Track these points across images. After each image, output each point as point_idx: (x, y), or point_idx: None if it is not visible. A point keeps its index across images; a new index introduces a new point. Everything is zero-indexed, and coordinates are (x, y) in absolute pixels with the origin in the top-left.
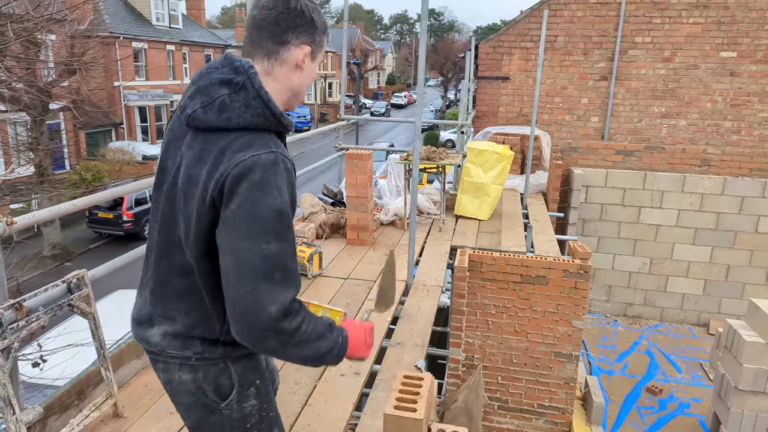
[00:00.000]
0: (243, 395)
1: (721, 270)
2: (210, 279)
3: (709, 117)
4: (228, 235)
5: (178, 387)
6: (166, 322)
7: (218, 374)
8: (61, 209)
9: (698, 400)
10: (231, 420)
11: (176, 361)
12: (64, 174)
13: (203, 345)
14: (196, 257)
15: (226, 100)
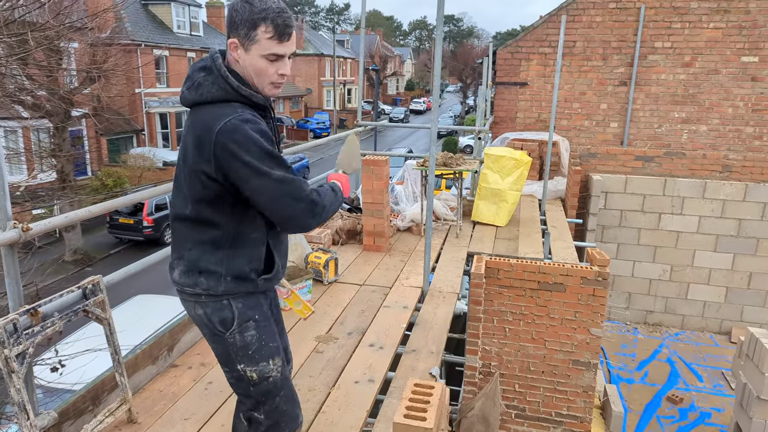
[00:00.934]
0: (243, 326)
1: (743, 277)
2: (206, 222)
3: (730, 122)
4: (249, 183)
5: (197, 320)
6: (180, 262)
7: (222, 309)
8: (78, 215)
9: (720, 409)
10: (235, 347)
11: (192, 299)
12: (85, 180)
13: (208, 280)
14: (194, 204)
15: (201, 80)
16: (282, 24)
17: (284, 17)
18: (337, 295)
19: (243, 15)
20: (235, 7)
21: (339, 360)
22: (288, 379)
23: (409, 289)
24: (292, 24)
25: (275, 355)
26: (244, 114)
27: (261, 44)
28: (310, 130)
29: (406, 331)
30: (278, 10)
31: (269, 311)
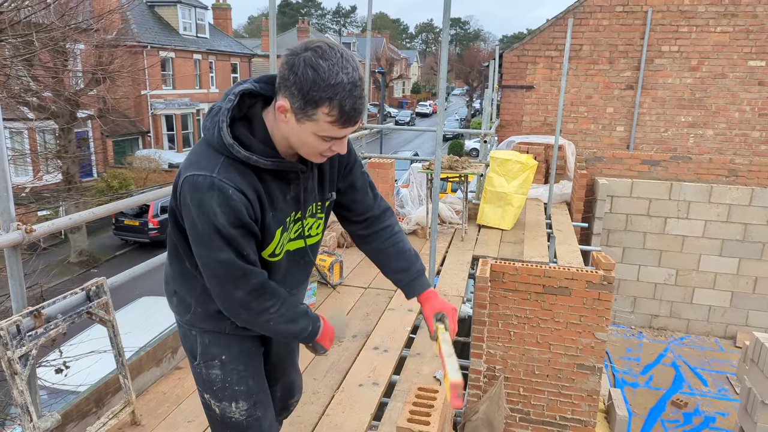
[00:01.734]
0: (208, 364)
1: (749, 282)
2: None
3: (736, 127)
4: (194, 246)
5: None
6: (165, 277)
7: (190, 339)
8: (82, 217)
9: (724, 414)
10: (201, 378)
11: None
12: (91, 181)
13: (178, 305)
14: (172, 226)
15: (211, 114)
16: (350, 109)
17: (355, 99)
18: (341, 297)
19: (304, 84)
20: (295, 67)
21: (343, 363)
22: (258, 419)
23: None
24: (362, 108)
25: (240, 399)
26: (219, 178)
27: (319, 125)
28: None
29: (411, 334)
30: (350, 88)
31: (252, 349)
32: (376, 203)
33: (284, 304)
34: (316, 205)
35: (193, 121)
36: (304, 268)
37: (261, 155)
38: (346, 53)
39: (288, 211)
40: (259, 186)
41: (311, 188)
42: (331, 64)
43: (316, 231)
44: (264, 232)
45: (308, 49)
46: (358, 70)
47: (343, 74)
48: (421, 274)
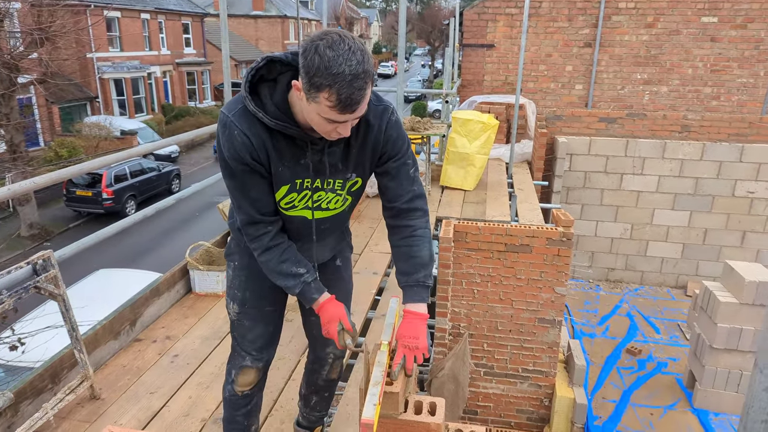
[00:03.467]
0: (228, 263)
1: (699, 234)
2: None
3: (689, 83)
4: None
5: None
6: None
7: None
8: (23, 187)
9: (675, 359)
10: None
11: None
12: (38, 151)
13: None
14: None
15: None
16: (346, 98)
17: (353, 90)
18: None
19: (310, 69)
20: (307, 52)
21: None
22: (244, 326)
23: (378, 255)
24: (361, 99)
25: (235, 302)
26: (232, 119)
27: (321, 107)
28: None
29: (376, 296)
30: (350, 79)
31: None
32: (408, 197)
33: (272, 253)
34: (336, 182)
35: (144, 85)
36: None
37: (269, 115)
38: (356, 46)
39: (300, 174)
40: (266, 138)
41: (333, 163)
42: (336, 54)
43: (334, 206)
44: (272, 178)
45: (323, 37)
46: (364, 63)
47: (346, 65)
48: (416, 284)
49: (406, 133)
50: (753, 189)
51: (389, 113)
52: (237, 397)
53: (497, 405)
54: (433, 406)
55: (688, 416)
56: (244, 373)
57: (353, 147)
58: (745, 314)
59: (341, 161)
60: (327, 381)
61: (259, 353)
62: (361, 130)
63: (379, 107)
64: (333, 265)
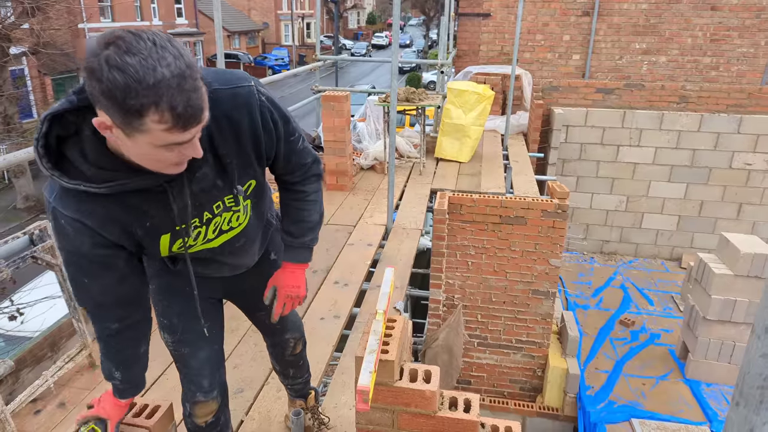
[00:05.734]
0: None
1: (695, 206)
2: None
3: (689, 53)
4: None
5: None
6: None
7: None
8: (17, 157)
9: (668, 330)
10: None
11: None
12: (32, 122)
13: None
14: None
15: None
16: (185, 108)
17: (188, 95)
18: None
19: (115, 92)
20: (97, 72)
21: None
22: (184, 355)
23: (373, 227)
24: (201, 102)
25: (165, 331)
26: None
27: (153, 135)
28: (269, 67)
29: (371, 268)
30: (178, 82)
31: (181, 288)
32: (302, 171)
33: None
34: (226, 200)
35: None
36: (245, 246)
37: (94, 181)
38: (160, 38)
39: (177, 219)
40: (107, 208)
41: (208, 187)
42: (142, 58)
43: (237, 222)
44: (141, 241)
45: (108, 44)
46: (182, 56)
47: (163, 68)
48: (301, 246)
49: (280, 106)
50: (750, 161)
51: (255, 96)
52: (201, 428)
53: (490, 375)
54: (428, 374)
55: (679, 386)
56: (201, 407)
57: (226, 156)
58: (740, 286)
59: (219, 179)
60: (294, 356)
61: (211, 382)
62: (225, 131)
63: (237, 90)
64: (268, 261)
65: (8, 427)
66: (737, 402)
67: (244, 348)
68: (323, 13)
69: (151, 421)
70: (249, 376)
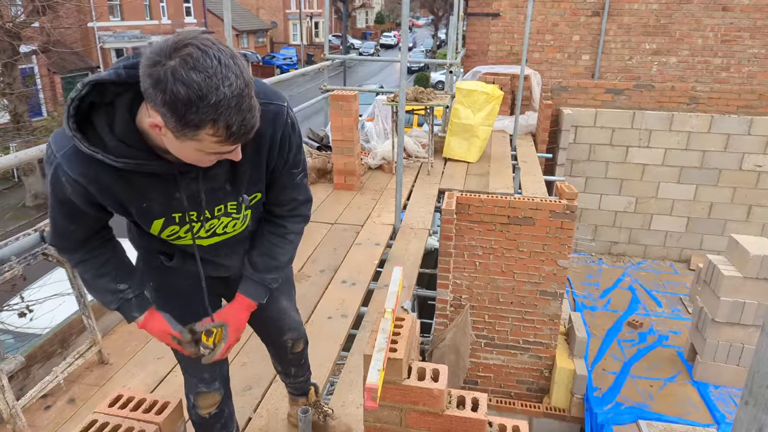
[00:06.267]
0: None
1: (704, 207)
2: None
3: (699, 54)
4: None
5: None
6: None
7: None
8: (28, 155)
9: (677, 332)
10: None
11: None
12: (41, 121)
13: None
14: None
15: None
16: (240, 127)
17: (244, 114)
18: (308, 233)
19: (177, 105)
20: (162, 84)
21: (312, 297)
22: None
23: (380, 227)
24: (255, 122)
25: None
26: (59, 160)
27: (203, 144)
28: (277, 66)
29: (378, 267)
30: (237, 102)
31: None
32: (291, 206)
33: (86, 265)
34: (229, 205)
35: None
36: (233, 247)
37: (113, 153)
38: (225, 55)
39: (177, 208)
40: (112, 180)
41: (217, 188)
42: (207, 76)
43: (232, 229)
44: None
45: (175, 54)
46: (242, 74)
47: (225, 87)
48: (260, 282)
49: (301, 135)
50: (761, 162)
51: (284, 116)
52: (205, 419)
53: (497, 375)
54: (436, 373)
55: (687, 388)
56: (203, 398)
57: (242, 163)
58: (749, 288)
59: (228, 183)
60: (295, 354)
61: (211, 374)
62: (249, 143)
63: (270, 108)
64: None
65: (19, 422)
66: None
67: (252, 346)
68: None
69: (161, 418)
70: (257, 374)
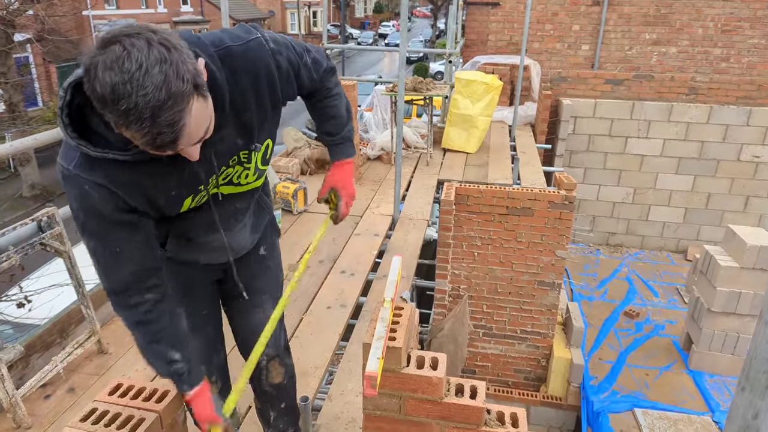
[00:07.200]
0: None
1: (702, 198)
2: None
3: (699, 44)
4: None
5: None
6: None
7: None
8: (24, 144)
9: (673, 322)
10: None
11: None
12: (37, 111)
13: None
14: None
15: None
16: (153, 140)
17: (161, 129)
18: (307, 224)
19: (97, 100)
20: (89, 73)
21: (311, 287)
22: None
23: (379, 217)
24: (178, 135)
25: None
26: (75, 172)
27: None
28: None
29: (377, 258)
30: (151, 113)
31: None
32: (317, 77)
33: (144, 328)
34: (242, 155)
35: None
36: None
37: (118, 148)
38: (150, 61)
39: (199, 179)
40: (134, 176)
41: (229, 145)
42: (121, 81)
43: (245, 180)
44: (162, 208)
45: (106, 46)
46: (167, 85)
47: (138, 96)
48: (343, 141)
49: (284, 41)
50: (759, 153)
51: (264, 43)
52: None
53: (495, 365)
54: (435, 361)
55: (683, 377)
56: None
57: (247, 112)
58: (745, 278)
59: (239, 137)
60: (273, 386)
61: (207, 366)
62: (244, 87)
63: (249, 45)
64: (256, 255)
65: (19, 411)
66: (743, 387)
67: None
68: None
69: (161, 406)
70: None
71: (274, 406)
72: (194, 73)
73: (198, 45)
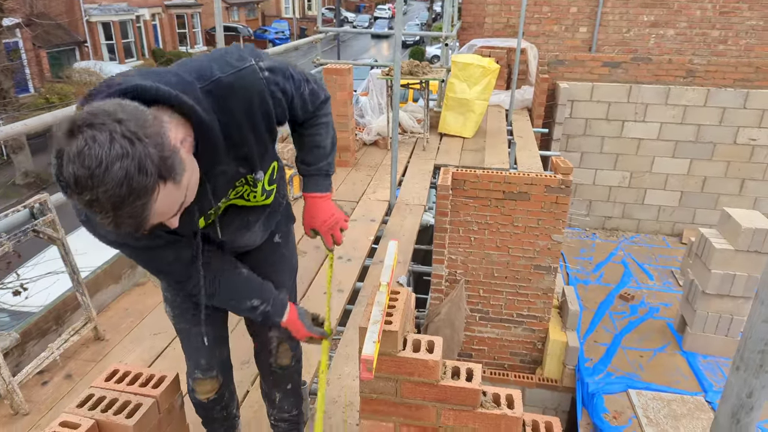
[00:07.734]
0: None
1: (698, 181)
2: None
3: (697, 26)
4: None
5: None
6: None
7: None
8: (14, 129)
9: (667, 304)
10: None
11: None
12: (28, 97)
13: None
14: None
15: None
16: (117, 227)
17: (122, 220)
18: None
19: (63, 187)
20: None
21: (307, 273)
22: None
23: (376, 203)
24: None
25: (166, 303)
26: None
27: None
28: (269, 40)
29: (374, 243)
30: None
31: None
32: (310, 105)
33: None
34: (249, 177)
35: (133, 28)
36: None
37: None
38: (113, 154)
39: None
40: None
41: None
42: (84, 175)
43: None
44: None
45: (71, 135)
46: (129, 178)
47: (99, 192)
48: (319, 173)
49: (280, 68)
50: (755, 136)
51: (257, 72)
52: (205, 402)
53: (491, 348)
54: (431, 344)
55: (676, 358)
56: (200, 383)
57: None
58: (740, 261)
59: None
60: (280, 368)
61: (208, 361)
62: (239, 120)
63: (240, 74)
64: (271, 244)
65: (16, 398)
66: (737, 366)
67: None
68: None
69: (157, 391)
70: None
71: (280, 387)
72: (159, 163)
73: (182, 86)
